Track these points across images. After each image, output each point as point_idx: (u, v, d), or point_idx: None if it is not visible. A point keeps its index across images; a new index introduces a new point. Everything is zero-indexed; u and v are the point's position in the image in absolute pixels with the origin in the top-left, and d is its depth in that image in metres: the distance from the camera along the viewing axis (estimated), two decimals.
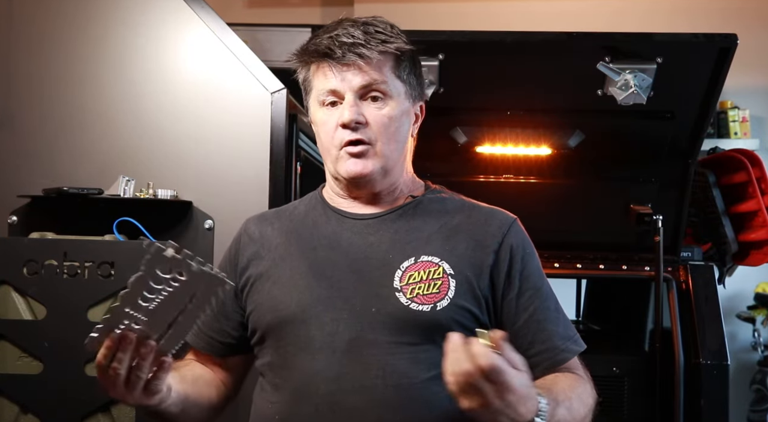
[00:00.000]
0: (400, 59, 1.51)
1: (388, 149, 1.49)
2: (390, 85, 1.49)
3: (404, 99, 1.52)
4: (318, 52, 1.48)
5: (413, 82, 1.54)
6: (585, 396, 1.46)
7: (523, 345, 1.46)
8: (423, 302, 1.43)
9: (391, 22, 1.54)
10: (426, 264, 1.46)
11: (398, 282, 1.44)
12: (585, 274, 3.20)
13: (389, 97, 1.49)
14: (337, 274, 1.47)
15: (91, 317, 1.90)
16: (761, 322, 3.94)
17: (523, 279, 1.50)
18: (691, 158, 2.86)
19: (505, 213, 1.56)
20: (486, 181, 3.01)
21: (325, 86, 1.49)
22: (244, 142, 2.16)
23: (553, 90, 2.72)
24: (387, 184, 1.53)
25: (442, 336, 1.37)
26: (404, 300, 1.43)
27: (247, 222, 1.64)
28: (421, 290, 1.44)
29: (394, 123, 1.49)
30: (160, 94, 2.19)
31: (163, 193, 2.09)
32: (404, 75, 1.52)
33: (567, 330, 1.52)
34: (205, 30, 2.18)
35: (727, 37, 2.48)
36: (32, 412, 1.90)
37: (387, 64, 1.49)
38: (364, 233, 1.51)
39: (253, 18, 4.34)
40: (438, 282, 1.44)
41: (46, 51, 2.21)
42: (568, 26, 3.42)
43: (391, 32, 1.51)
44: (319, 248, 1.52)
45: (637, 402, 2.79)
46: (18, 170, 2.18)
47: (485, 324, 1.47)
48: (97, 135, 2.19)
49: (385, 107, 1.49)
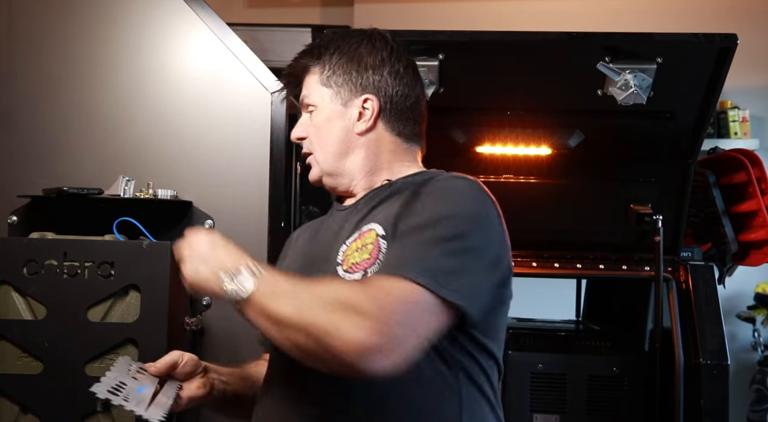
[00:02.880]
0: (322, 68, 1.56)
1: (323, 154, 1.55)
2: (314, 96, 1.56)
3: (329, 103, 1.55)
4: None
5: (343, 81, 1.55)
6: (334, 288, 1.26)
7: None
8: (355, 270, 1.38)
9: (336, 30, 1.63)
10: (363, 232, 1.42)
11: (340, 256, 1.43)
12: (585, 274, 3.20)
13: (315, 107, 1.56)
14: (305, 266, 1.50)
15: (91, 317, 1.90)
16: (761, 322, 3.94)
17: (411, 212, 1.37)
18: (691, 158, 2.86)
19: (452, 174, 1.47)
20: (486, 181, 2.98)
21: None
22: (244, 142, 2.16)
23: (553, 90, 2.72)
24: (345, 182, 1.56)
25: None
26: (341, 272, 1.40)
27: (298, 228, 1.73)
28: (354, 259, 1.40)
29: (322, 129, 1.55)
30: (161, 94, 2.19)
31: (163, 193, 2.09)
32: (329, 81, 1.55)
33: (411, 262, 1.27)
34: (206, 30, 2.18)
35: (727, 37, 2.48)
36: (32, 412, 1.90)
37: (312, 77, 1.57)
38: (339, 223, 1.53)
39: (253, 18, 4.34)
40: (370, 247, 1.39)
41: (47, 51, 2.21)
42: (568, 26, 3.42)
43: (319, 43, 1.58)
44: (309, 244, 1.59)
45: (637, 402, 2.79)
46: (18, 170, 2.18)
47: None
48: (97, 135, 2.19)
49: (315, 117, 1.56)
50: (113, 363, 1.53)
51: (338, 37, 1.59)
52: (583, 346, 2.91)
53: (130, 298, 1.92)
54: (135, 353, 1.89)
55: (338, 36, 1.59)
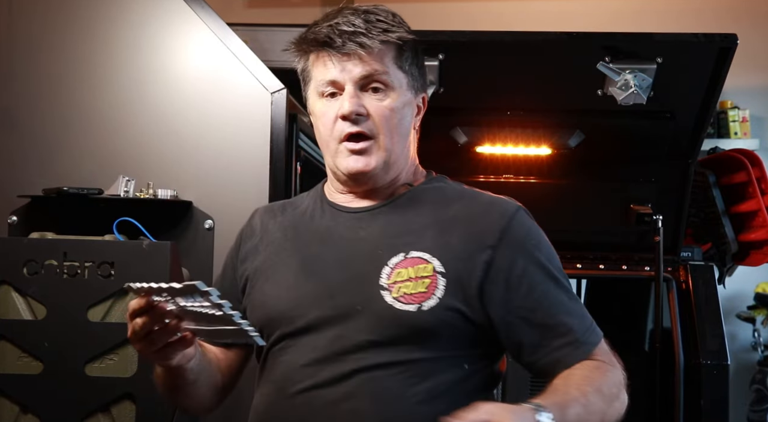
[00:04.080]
0: (401, 49, 1.46)
1: (391, 142, 1.44)
2: (391, 76, 1.44)
3: (406, 90, 1.47)
4: (317, 40, 1.43)
5: (415, 73, 1.50)
6: (606, 385, 1.37)
7: (542, 343, 1.39)
8: (409, 301, 1.36)
9: (392, 11, 1.48)
10: (416, 260, 1.39)
11: (385, 279, 1.39)
12: (585, 274, 3.20)
13: (390, 89, 1.44)
14: (325, 271, 1.44)
15: (91, 317, 1.90)
16: (761, 322, 3.94)
17: (530, 274, 1.41)
18: (691, 158, 2.86)
19: (507, 202, 1.47)
20: (486, 181, 3.01)
21: (325, 77, 1.44)
22: (244, 142, 2.16)
23: (553, 90, 2.72)
24: (389, 179, 1.48)
25: (428, 337, 1.37)
26: (389, 299, 1.37)
27: (256, 212, 1.61)
28: (407, 289, 1.37)
29: (396, 115, 1.45)
30: (160, 94, 2.19)
31: (163, 193, 2.09)
32: (406, 65, 1.47)
33: (584, 321, 1.43)
34: (206, 30, 2.18)
35: (727, 37, 2.48)
36: (32, 412, 1.90)
37: (388, 54, 1.44)
38: (356, 227, 1.47)
39: (253, 18, 4.34)
40: (426, 281, 1.37)
41: (47, 51, 2.21)
42: (568, 26, 3.42)
43: (393, 21, 1.45)
44: (312, 243, 1.49)
45: (637, 402, 2.79)
46: (18, 170, 2.18)
47: (477, 324, 1.40)
48: (97, 135, 2.19)
49: (387, 98, 1.44)
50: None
51: (396, 14, 1.48)
52: None
53: (130, 298, 1.91)
54: (135, 353, 1.89)
55: (395, 13, 1.48)
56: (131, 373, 1.89)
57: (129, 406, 1.89)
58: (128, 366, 1.89)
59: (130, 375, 1.89)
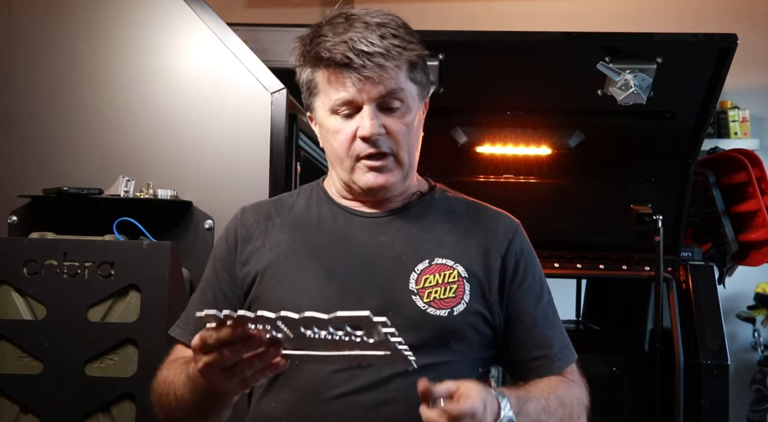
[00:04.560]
0: (416, 64, 1.46)
1: (409, 157, 1.47)
2: (407, 92, 1.44)
3: (418, 101, 1.48)
4: (333, 60, 1.39)
5: (424, 81, 1.50)
6: (569, 398, 1.46)
7: (521, 349, 1.50)
8: (440, 306, 1.43)
9: (402, 21, 1.46)
10: (441, 267, 1.45)
11: (414, 285, 1.43)
12: (585, 274, 3.20)
13: (407, 105, 1.44)
14: (348, 274, 1.44)
15: (91, 317, 1.90)
16: (761, 322, 3.94)
17: (526, 285, 1.51)
18: (691, 158, 2.86)
19: (510, 218, 1.57)
20: (486, 181, 3.01)
21: (341, 96, 1.42)
22: (244, 142, 2.16)
23: (553, 90, 2.72)
24: (403, 188, 1.51)
25: (456, 340, 1.43)
26: (421, 304, 1.42)
27: (244, 212, 1.57)
28: (437, 294, 1.43)
29: (413, 129, 1.47)
30: (161, 94, 2.19)
31: (163, 193, 2.09)
32: (418, 77, 1.47)
33: (563, 339, 1.54)
34: (206, 30, 2.18)
35: (727, 37, 2.48)
36: (32, 412, 1.90)
37: (403, 71, 1.43)
38: (375, 232, 1.48)
39: (253, 18, 4.34)
40: (454, 286, 1.44)
41: (47, 51, 2.21)
42: (568, 26, 3.42)
43: (407, 37, 1.43)
44: (328, 247, 1.48)
45: (637, 402, 2.79)
46: (18, 170, 2.18)
47: (493, 328, 1.49)
48: (97, 135, 2.19)
49: (405, 116, 1.44)
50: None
51: (403, 21, 1.46)
52: (583, 346, 2.91)
53: (130, 298, 1.91)
54: (135, 353, 1.89)
55: (402, 20, 1.46)
56: (131, 373, 1.89)
57: (129, 406, 1.89)
58: (128, 366, 1.89)
59: (130, 375, 1.88)
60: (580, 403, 1.48)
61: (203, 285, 1.57)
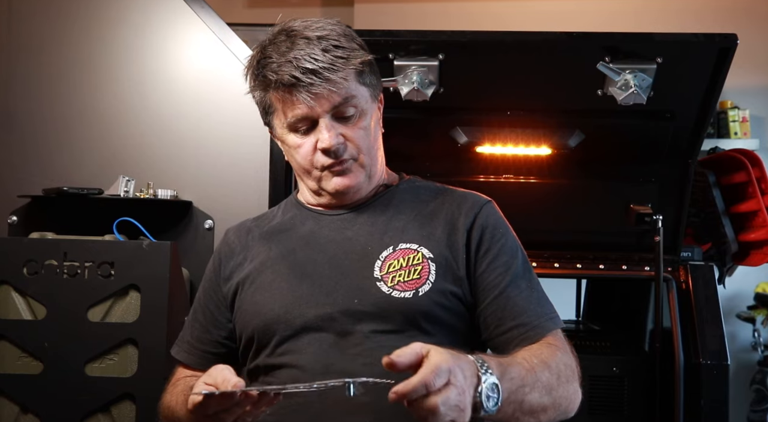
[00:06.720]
0: (362, 69, 1.48)
1: (370, 158, 1.51)
2: (359, 98, 1.48)
3: (371, 102, 1.52)
4: (282, 82, 1.43)
5: (374, 82, 1.53)
6: (555, 362, 1.39)
7: (493, 322, 1.46)
8: (404, 289, 1.43)
9: (342, 26, 1.49)
10: (405, 251, 1.47)
11: (378, 272, 1.45)
12: (585, 274, 3.19)
13: (360, 109, 1.48)
14: (318, 272, 1.48)
15: (91, 317, 1.90)
16: (761, 322, 3.94)
17: (492, 256, 1.49)
18: (691, 158, 2.86)
19: (477, 196, 1.57)
20: (486, 181, 3.01)
21: (296, 113, 1.46)
22: (244, 142, 2.17)
23: (553, 90, 2.72)
24: (371, 187, 1.55)
25: (428, 321, 1.42)
26: (385, 288, 1.44)
27: (228, 232, 1.65)
28: (401, 277, 1.44)
29: (371, 132, 1.51)
30: (161, 94, 2.19)
31: (163, 193, 2.09)
32: (367, 80, 1.50)
33: (541, 308, 1.48)
34: (206, 30, 2.18)
35: (727, 37, 2.48)
36: (32, 412, 1.90)
37: (351, 78, 1.46)
38: (341, 228, 1.52)
39: (253, 18, 4.34)
40: (418, 268, 1.45)
41: (47, 51, 2.21)
42: (568, 26, 3.42)
43: (348, 44, 1.46)
44: (298, 249, 1.53)
45: (637, 402, 2.79)
46: (18, 170, 2.18)
47: (468, 307, 1.47)
48: (97, 135, 2.19)
49: (360, 120, 1.48)
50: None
51: (343, 28, 1.49)
52: (584, 346, 2.91)
53: (130, 298, 1.92)
54: (135, 353, 1.89)
55: (342, 28, 1.49)
56: (131, 373, 1.89)
57: (129, 406, 1.89)
58: (128, 366, 1.89)
59: (130, 375, 1.89)
60: (567, 366, 1.42)
61: (195, 306, 1.65)
